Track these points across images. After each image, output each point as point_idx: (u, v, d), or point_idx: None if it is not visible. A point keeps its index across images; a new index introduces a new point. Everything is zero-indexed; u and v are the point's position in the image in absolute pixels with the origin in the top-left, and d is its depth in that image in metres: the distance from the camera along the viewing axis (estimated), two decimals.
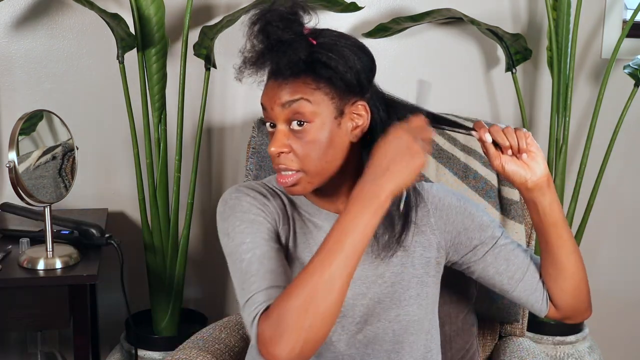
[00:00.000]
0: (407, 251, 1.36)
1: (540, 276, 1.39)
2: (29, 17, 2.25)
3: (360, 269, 1.33)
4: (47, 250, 1.82)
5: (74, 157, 1.87)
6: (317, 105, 1.22)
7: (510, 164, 1.27)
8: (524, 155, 1.26)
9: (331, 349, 1.35)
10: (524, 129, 1.29)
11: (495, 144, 1.28)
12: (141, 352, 2.19)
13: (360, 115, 1.26)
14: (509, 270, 1.38)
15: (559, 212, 1.31)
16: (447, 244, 1.39)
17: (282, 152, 1.25)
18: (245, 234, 1.27)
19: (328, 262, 1.14)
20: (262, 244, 1.26)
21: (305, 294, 1.13)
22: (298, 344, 1.12)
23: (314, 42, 1.22)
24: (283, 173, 1.26)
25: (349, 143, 1.26)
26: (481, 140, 1.29)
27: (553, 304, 1.41)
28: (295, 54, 1.19)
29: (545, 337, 2.37)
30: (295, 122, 1.23)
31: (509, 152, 1.27)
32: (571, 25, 2.32)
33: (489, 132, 1.28)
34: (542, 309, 1.40)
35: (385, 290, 1.35)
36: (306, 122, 1.22)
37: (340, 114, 1.24)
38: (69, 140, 1.86)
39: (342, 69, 1.22)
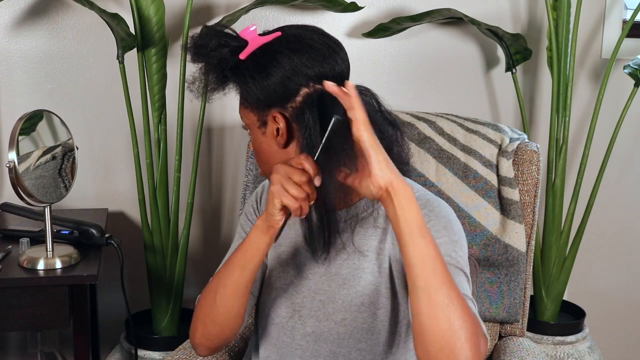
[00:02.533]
0: (366, 257, 1.37)
1: None
2: (29, 17, 2.25)
3: (310, 266, 1.41)
4: (47, 250, 1.82)
5: (74, 157, 1.87)
6: (245, 118, 1.36)
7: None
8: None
9: (287, 333, 1.41)
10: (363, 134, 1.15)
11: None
12: (141, 352, 2.19)
13: (277, 124, 1.32)
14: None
15: (405, 224, 1.17)
16: (399, 255, 1.35)
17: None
18: (235, 237, 1.52)
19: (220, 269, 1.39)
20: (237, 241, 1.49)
21: (205, 294, 1.41)
22: (200, 333, 1.40)
23: (242, 58, 1.30)
24: None
25: (278, 148, 1.33)
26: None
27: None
28: (219, 74, 1.33)
29: (545, 337, 2.37)
30: None
31: None
32: (571, 25, 2.32)
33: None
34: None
35: (341, 291, 1.38)
36: (248, 129, 1.38)
37: (263, 124, 1.33)
38: (69, 140, 1.86)
39: (249, 87, 1.30)
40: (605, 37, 2.54)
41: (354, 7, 2.22)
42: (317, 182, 1.20)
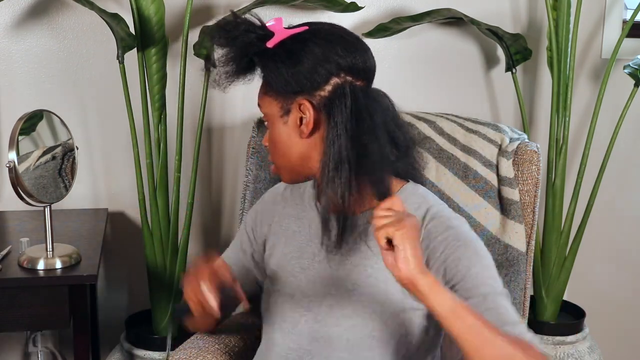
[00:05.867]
0: (379, 265, 1.34)
1: None
2: (29, 17, 2.25)
3: (317, 270, 1.40)
4: (47, 250, 1.82)
5: (74, 157, 1.87)
6: (267, 108, 1.35)
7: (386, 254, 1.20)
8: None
9: (294, 339, 1.40)
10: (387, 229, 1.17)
11: None
12: (141, 352, 2.19)
13: (304, 112, 1.31)
14: None
15: (441, 310, 1.19)
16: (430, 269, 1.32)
17: (266, 146, 1.40)
18: (236, 236, 1.60)
19: None
20: (232, 247, 1.58)
21: None
22: None
23: (270, 47, 1.30)
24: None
25: (299, 138, 1.33)
26: None
27: None
28: (243, 59, 1.31)
29: (545, 337, 2.37)
30: None
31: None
32: (571, 25, 2.32)
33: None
34: None
35: (351, 297, 1.36)
36: (267, 121, 1.36)
37: (287, 112, 1.32)
38: (69, 140, 1.86)
39: (280, 72, 1.29)
40: (605, 37, 2.54)
41: (354, 7, 2.22)
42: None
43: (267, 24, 1.32)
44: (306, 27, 1.31)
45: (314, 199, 1.43)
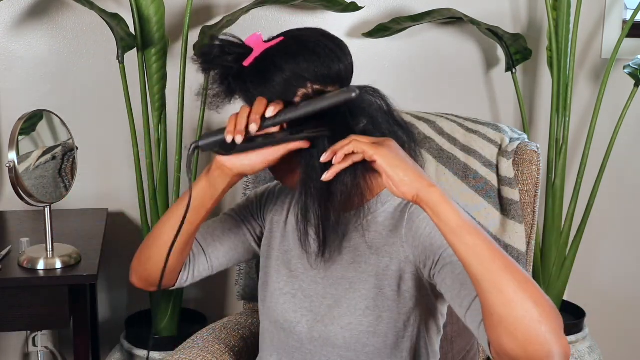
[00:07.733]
0: (371, 259, 1.35)
1: None
2: (29, 17, 2.25)
3: (319, 271, 1.40)
4: (47, 250, 1.82)
5: (74, 157, 1.87)
6: None
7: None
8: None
9: (295, 337, 1.41)
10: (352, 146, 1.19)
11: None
12: (141, 352, 2.19)
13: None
14: (460, 295, 1.22)
15: (449, 222, 1.15)
16: (417, 258, 1.32)
17: None
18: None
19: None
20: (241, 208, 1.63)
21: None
22: (136, 258, 1.55)
23: (245, 65, 1.30)
24: None
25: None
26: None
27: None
28: (223, 81, 1.34)
29: None
30: None
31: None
32: (571, 25, 2.32)
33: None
34: (486, 346, 1.18)
35: (347, 295, 1.37)
36: None
37: None
38: (69, 140, 1.86)
39: (250, 93, 1.31)
40: (605, 37, 2.54)
41: (354, 7, 2.22)
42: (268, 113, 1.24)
43: (246, 40, 1.32)
44: (281, 39, 1.31)
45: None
